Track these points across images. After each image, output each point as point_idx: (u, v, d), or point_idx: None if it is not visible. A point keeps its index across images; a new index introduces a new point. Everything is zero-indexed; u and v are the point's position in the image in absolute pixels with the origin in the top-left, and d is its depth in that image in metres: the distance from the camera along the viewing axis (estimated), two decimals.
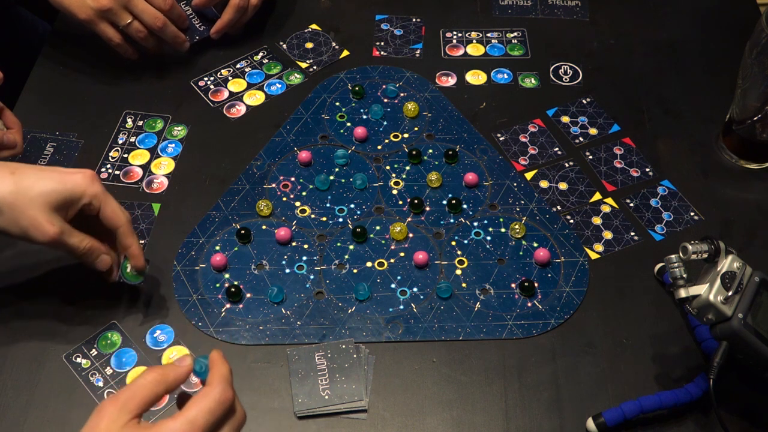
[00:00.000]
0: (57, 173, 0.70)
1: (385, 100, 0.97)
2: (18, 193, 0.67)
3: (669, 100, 0.98)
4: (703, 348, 0.75)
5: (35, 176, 0.68)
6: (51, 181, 0.68)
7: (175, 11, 0.96)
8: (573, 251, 0.83)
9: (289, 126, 0.94)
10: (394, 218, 0.86)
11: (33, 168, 0.70)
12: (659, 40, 1.05)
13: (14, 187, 0.67)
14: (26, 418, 0.71)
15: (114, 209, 0.72)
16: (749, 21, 0.87)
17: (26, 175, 0.68)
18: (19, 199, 0.67)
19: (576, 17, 1.08)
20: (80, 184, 0.70)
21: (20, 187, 0.67)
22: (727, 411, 0.71)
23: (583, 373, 0.74)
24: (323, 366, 0.74)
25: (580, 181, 0.89)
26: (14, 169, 0.69)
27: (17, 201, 0.67)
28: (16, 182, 0.67)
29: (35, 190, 0.68)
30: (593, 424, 0.69)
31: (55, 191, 0.68)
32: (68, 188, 0.69)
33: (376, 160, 0.91)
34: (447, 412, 0.72)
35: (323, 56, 1.02)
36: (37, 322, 0.77)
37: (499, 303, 0.79)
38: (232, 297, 0.78)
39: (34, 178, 0.68)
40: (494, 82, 1.00)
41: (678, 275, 0.67)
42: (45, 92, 0.98)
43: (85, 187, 0.70)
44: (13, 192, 0.67)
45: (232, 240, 0.83)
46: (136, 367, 0.74)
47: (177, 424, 0.54)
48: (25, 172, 0.69)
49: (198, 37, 1.01)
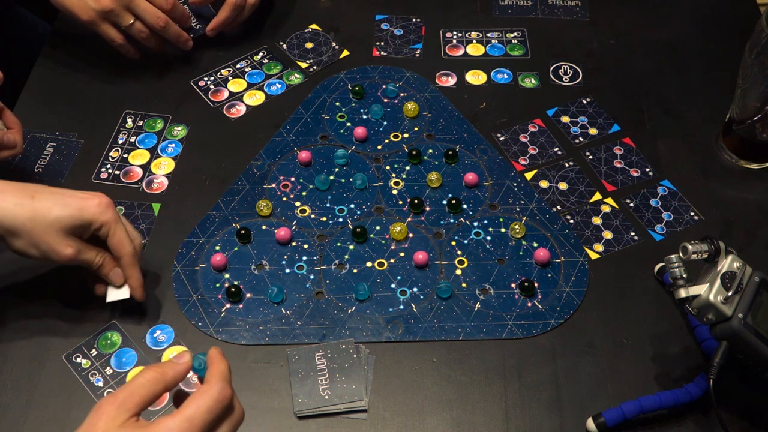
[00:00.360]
0: (74, 199, 0.72)
1: (385, 100, 0.97)
2: (35, 220, 0.69)
3: (669, 100, 0.98)
4: (703, 348, 0.75)
5: (52, 201, 0.70)
6: (67, 208, 0.71)
7: (178, 10, 0.96)
8: (573, 251, 0.83)
9: (289, 126, 0.94)
10: (394, 218, 0.86)
11: (51, 192, 0.72)
12: (659, 40, 1.05)
13: (32, 213, 0.69)
14: (26, 418, 0.71)
15: (121, 239, 0.73)
16: (749, 21, 0.87)
17: (44, 199, 0.70)
18: (36, 225, 0.70)
19: (576, 17, 1.08)
20: (94, 212, 0.72)
21: (37, 213, 0.70)
22: (727, 411, 0.71)
23: (583, 373, 0.74)
24: (323, 366, 0.74)
25: (580, 181, 0.89)
26: (33, 192, 0.71)
27: (35, 227, 0.70)
28: (35, 208, 0.70)
29: (52, 215, 0.70)
30: (593, 424, 0.69)
31: (70, 217, 0.71)
32: (83, 215, 0.71)
33: (376, 160, 0.91)
34: (447, 412, 0.72)
35: (323, 56, 1.02)
36: (37, 322, 0.77)
37: (499, 303, 0.79)
38: (232, 297, 0.78)
39: (51, 203, 0.70)
40: (494, 82, 1.00)
41: (678, 275, 0.67)
42: (45, 92, 0.98)
43: (98, 215, 0.72)
44: (30, 218, 0.69)
45: (232, 240, 0.83)
46: (136, 367, 0.74)
47: (175, 422, 0.54)
48: (44, 197, 0.71)
49: (193, 35, 1.01)
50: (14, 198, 0.69)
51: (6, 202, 0.69)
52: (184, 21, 0.97)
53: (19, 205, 0.69)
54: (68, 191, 0.73)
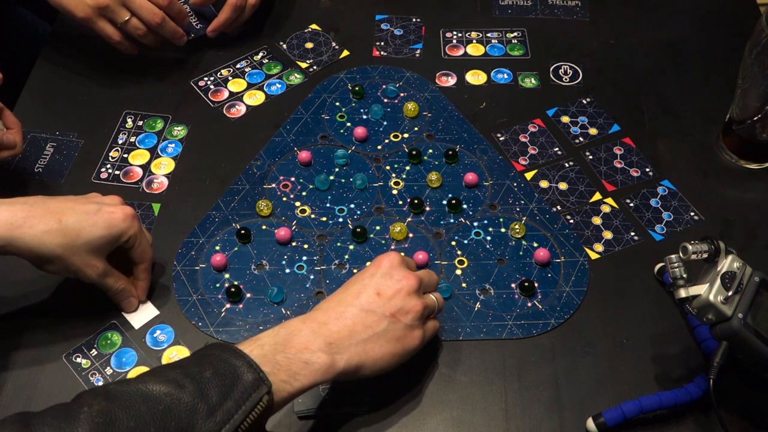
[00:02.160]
0: (101, 216, 0.71)
1: (385, 100, 0.97)
2: (66, 246, 0.69)
3: (669, 100, 0.98)
4: (703, 348, 0.75)
5: (80, 222, 0.70)
6: (96, 228, 0.71)
7: (174, 7, 0.95)
8: (573, 251, 0.83)
9: (289, 126, 0.94)
10: (394, 218, 0.86)
11: (76, 211, 0.71)
12: (659, 40, 1.05)
13: (62, 240, 0.69)
14: None
15: (144, 249, 0.76)
16: (749, 21, 0.87)
17: (72, 221, 0.70)
18: (67, 251, 0.70)
19: (576, 17, 1.08)
20: (121, 228, 0.72)
21: (67, 238, 0.69)
22: (727, 411, 0.71)
23: (583, 373, 0.74)
24: None
25: (580, 181, 0.89)
26: (60, 215, 0.70)
27: (65, 252, 0.70)
28: (64, 233, 0.69)
29: (82, 238, 0.70)
30: (593, 424, 0.69)
31: (100, 237, 0.71)
32: (111, 233, 0.72)
33: (376, 160, 0.91)
34: (447, 412, 0.72)
35: (323, 56, 1.02)
36: (37, 322, 0.77)
37: (499, 303, 0.79)
38: (232, 297, 0.78)
39: (78, 225, 0.70)
40: (494, 82, 1.00)
41: (678, 275, 0.67)
42: (45, 92, 0.98)
43: (125, 229, 0.73)
44: (61, 245, 0.69)
45: (232, 240, 0.83)
46: (136, 367, 0.74)
47: (367, 271, 0.70)
48: (71, 218, 0.70)
49: (194, 35, 1.01)
50: (42, 224, 0.69)
51: (34, 230, 0.68)
52: (182, 18, 0.97)
53: (47, 232, 0.68)
54: (91, 204, 0.72)
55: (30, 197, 0.71)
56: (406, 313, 0.67)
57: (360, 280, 0.69)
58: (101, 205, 0.72)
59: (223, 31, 1.01)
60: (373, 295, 0.67)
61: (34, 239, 0.68)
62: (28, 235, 0.68)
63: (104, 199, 0.74)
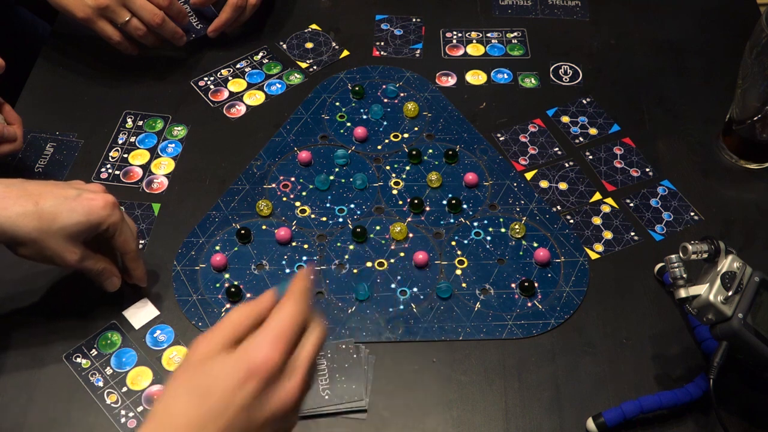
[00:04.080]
0: (79, 202, 0.70)
1: (385, 100, 0.97)
2: (41, 229, 0.68)
3: (669, 100, 0.98)
4: (703, 348, 0.75)
5: (58, 207, 0.69)
6: (74, 214, 0.69)
7: (174, 7, 0.95)
8: (573, 251, 0.83)
9: (289, 126, 0.94)
10: (394, 218, 0.86)
11: (55, 195, 0.69)
12: (659, 40, 1.05)
13: (37, 223, 0.68)
14: (26, 418, 0.71)
15: (126, 238, 0.74)
16: (749, 21, 0.87)
17: (49, 204, 0.68)
18: (41, 234, 0.68)
19: (576, 17, 1.08)
20: (101, 215, 0.70)
21: (43, 222, 0.68)
22: (727, 411, 0.71)
23: (583, 373, 0.74)
24: (323, 366, 0.74)
25: (580, 181, 0.89)
26: (37, 197, 0.68)
27: (40, 235, 0.68)
28: (39, 216, 0.68)
29: (58, 223, 0.68)
30: (593, 424, 0.69)
31: (77, 224, 0.69)
32: (90, 220, 0.70)
33: (376, 160, 0.91)
34: (447, 412, 0.72)
35: (323, 56, 1.02)
36: (37, 322, 0.77)
37: (499, 303, 0.79)
38: (232, 297, 0.78)
39: (56, 210, 0.68)
40: (494, 82, 1.00)
41: (678, 275, 0.67)
42: (45, 92, 0.98)
43: (105, 217, 0.71)
44: (36, 228, 0.68)
45: (232, 240, 0.83)
46: (136, 367, 0.74)
47: (262, 336, 0.53)
48: (48, 201, 0.69)
49: (195, 36, 1.01)
50: (18, 206, 0.67)
51: (9, 211, 0.67)
52: (182, 18, 0.97)
53: (23, 214, 0.67)
54: (71, 189, 0.71)
55: (10, 179, 0.70)
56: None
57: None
58: (81, 191, 0.71)
59: (223, 31, 1.01)
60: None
61: (8, 221, 0.67)
62: (3, 216, 0.67)
63: (86, 186, 0.73)
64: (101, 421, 0.71)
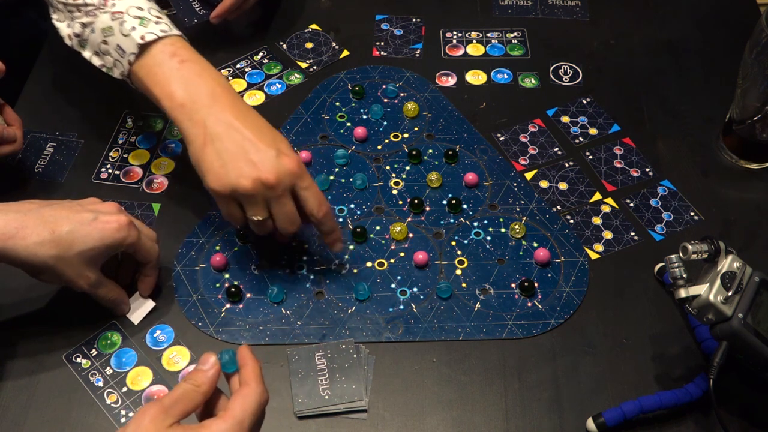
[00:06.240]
0: (95, 226, 0.70)
1: (385, 100, 0.97)
2: (58, 257, 0.68)
3: (669, 100, 0.98)
4: (703, 348, 0.75)
5: (74, 233, 0.69)
6: (89, 239, 0.70)
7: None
8: (573, 251, 0.83)
9: (289, 126, 0.94)
10: (394, 218, 0.86)
11: (71, 221, 0.69)
12: (659, 40, 1.05)
13: (55, 251, 0.68)
14: (26, 418, 0.71)
15: (145, 253, 0.75)
16: (749, 21, 0.87)
17: (65, 231, 0.69)
18: (59, 262, 0.69)
19: (576, 17, 1.08)
20: (115, 239, 0.71)
21: (60, 250, 0.68)
22: (727, 411, 0.71)
23: (583, 373, 0.74)
24: (323, 366, 0.74)
25: (580, 181, 0.89)
26: (53, 226, 0.69)
27: (58, 263, 0.69)
28: (57, 243, 0.68)
29: (74, 249, 0.69)
30: (593, 424, 0.69)
31: (93, 248, 0.70)
32: (105, 243, 0.71)
33: (376, 160, 0.91)
34: (447, 412, 0.72)
35: (323, 56, 1.02)
36: (37, 322, 0.77)
37: (499, 303, 0.79)
38: (232, 297, 0.78)
39: (72, 236, 0.69)
40: (494, 82, 1.00)
41: (678, 275, 0.67)
42: (45, 92, 0.98)
43: (120, 240, 0.71)
44: (53, 256, 0.68)
45: (232, 240, 0.83)
46: (136, 367, 0.74)
47: (227, 425, 0.56)
48: (63, 227, 0.69)
49: (197, 20, 1.00)
50: (35, 235, 0.67)
51: (27, 241, 0.67)
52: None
53: (40, 243, 0.67)
54: (86, 213, 0.71)
55: (25, 204, 0.70)
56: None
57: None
58: (97, 214, 0.71)
59: (226, 18, 1.00)
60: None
61: (27, 250, 0.67)
62: (21, 246, 0.67)
63: (101, 207, 0.72)
64: (101, 421, 0.71)
